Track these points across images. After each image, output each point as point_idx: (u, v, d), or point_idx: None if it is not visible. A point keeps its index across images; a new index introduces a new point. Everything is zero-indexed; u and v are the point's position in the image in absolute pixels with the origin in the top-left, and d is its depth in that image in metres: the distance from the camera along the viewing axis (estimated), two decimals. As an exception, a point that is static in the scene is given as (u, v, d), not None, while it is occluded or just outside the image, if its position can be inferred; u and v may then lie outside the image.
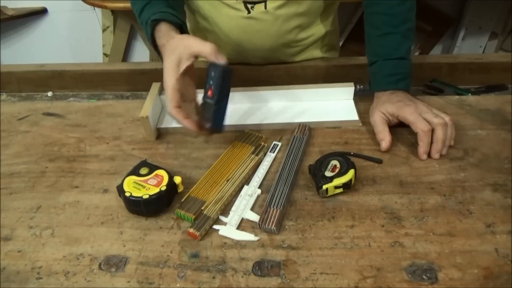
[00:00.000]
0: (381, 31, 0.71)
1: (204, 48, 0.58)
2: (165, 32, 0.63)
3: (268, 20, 0.77)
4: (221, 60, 0.58)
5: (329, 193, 0.56)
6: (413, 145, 0.65)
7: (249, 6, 0.76)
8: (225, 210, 0.56)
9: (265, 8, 0.76)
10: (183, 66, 0.59)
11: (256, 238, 0.52)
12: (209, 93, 0.58)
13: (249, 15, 0.77)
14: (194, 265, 0.49)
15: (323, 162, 0.59)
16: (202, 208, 0.55)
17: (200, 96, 0.62)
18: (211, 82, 0.58)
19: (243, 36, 0.81)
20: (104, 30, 2.03)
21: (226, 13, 0.78)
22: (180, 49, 0.59)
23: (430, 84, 0.85)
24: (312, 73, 0.88)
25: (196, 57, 0.59)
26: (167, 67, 0.59)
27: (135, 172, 0.58)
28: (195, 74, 0.63)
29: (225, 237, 0.52)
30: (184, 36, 0.62)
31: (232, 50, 0.85)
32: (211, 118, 0.59)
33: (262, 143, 0.66)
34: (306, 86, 0.75)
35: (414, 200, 0.56)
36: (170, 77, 0.58)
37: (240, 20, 0.78)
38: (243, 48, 0.83)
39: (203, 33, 0.87)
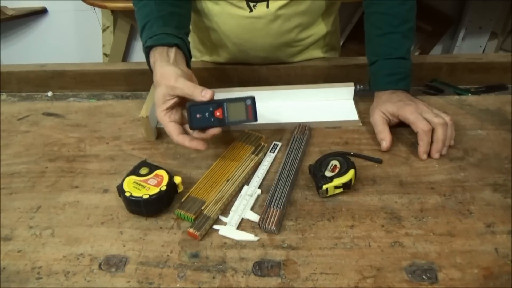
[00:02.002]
0: (381, 30, 0.71)
1: (191, 93, 0.57)
2: (153, 63, 0.62)
3: (269, 19, 0.77)
4: (207, 95, 0.57)
5: (329, 193, 0.56)
6: (413, 145, 0.65)
7: (251, 4, 0.76)
8: (225, 210, 0.56)
9: (267, 7, 0.76)
10: (169, 103, 0.58)
11: (256, 238, 0.52)
12: (218, 114, 0.57)
13: (250, 13, 0.77)
14: (194, 265, 0.49)
15: (323, 162, 0.59)
16: (202, 208, 0.55)
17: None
18: (207, 114, 0.57)
19: (244, 35, 0.81)
20: (104, 30, 2.03)
21: (228, 11, 0.78)
22: (162, 87, 0.58)
23: (430, 84, 0.85)
24: (312, 73, 0.88)
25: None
26: (156, 102, 0.59)
27: (135, 172, 0.58)
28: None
29: (225, 237, 0.52)
30: (167, 71, 0.59)
31: (233, 49, 0.85)
32: (248, 108, 0.58)
33: (262, 143, 0.66)
34: (306, 86, 0.75)
35: (414, 200, 0.56)
36: (160, 112, 0.59)
37: (242, 19, 0.78)
38: (243, 47, 0.83)
39: (204, 32, 0.87)
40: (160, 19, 0.67)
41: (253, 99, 0.58)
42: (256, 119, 0.58)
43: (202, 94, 0.56)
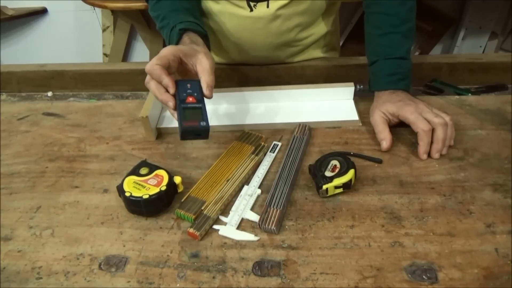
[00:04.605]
0: (381, 30, 0.71)
1: (202, 73, 0.58)
2: (187, 41, 0.64)
3: (269, 19, 0.78)
4: (210, 94, 0.58)
5: (329, 193, 0.56)
6: (413, 145, 0.65)
7: (251, 4, 0.76)
8: (225, 210, 0.56)
9: (267, 7, 0.76)
10: (184, 52, 0.58)
11: (256, 238, 0.52)
12: (191, 99, 0.57)
13: (251, 13, 0.77)
14: (194, 265, 0.49)
15: (323, 162, 0.59)
16: (202, 208, 0.55)
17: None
18: (190, 92, 0.57)
19: (244, 34, 0.81)
20: (104, 30, 2.03)
21: (228, 11, 0.78)
22: (186, 47, 0.60)
23: (430, 84, 0.85)
24: (312, 73, 0.88)
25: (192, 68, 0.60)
26: (168, 48, 0.59)
27: (135, 172, 0.58)
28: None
29: (225, 237, 0.52)
30: (203, 47, 0.62)
31: (233, 49, 0.85)
32: (204, 117, 0.56)
33: (262, 143, 0.66)
34: (306, 86, 0.75)
35: (414, 200, 0.56)
36: (171, 47, 0.58)
37: (242, 18, 0.78)
38: (244, 46, 0.83)
39: None
40: (186, 11, 0.69)
41: (206, 130, 0.55)
42: (181, 129, 0.55)
43: (207, 89, 0.57)
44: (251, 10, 0.77)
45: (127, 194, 0.54)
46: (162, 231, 0.54)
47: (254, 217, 0.54)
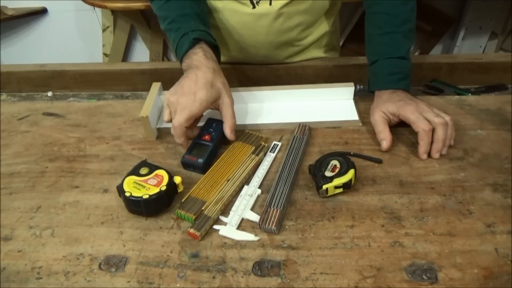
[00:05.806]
0: (382, 30, 0.71)
1: (226, 120, 0.63)
2: (201, 54, 0.65)
3: (272, 17, 0.78)
4: (232, 137, 0.64)
5: (329, 193, 0.56)
6: (413, 145, 0.65)
7: (254, 1, 0.76)
8: (225, 210, 0.56)
9: (270, 4, 0.76)
10: (211, 101, 0.63)
11: (256, 238, 0.52)
12: (206, 137, 0.65)
13: (253, 10, 0.77)
14: (194, 265, 0.49)
15: (323, 162, 0.59)
16: (203, 208, 0.55)
17: None
18: (211, 130, 0.66)
19: (246, 32, 0.81)
20: (104, 30, 2.03)
21: (231, 7, 0.78)
22: (223, 93, 0.64)
23: (430, 84, 0.85)
24: (312, 73, 0.88)
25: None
26: (199, 87, 0.61)
27: (135, 172, 0.58)
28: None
29: (225, 237, 0.52)
30: (221, 77, 0.66)
31: (234, 48, 0.86)
32: (206, 156, 0.62)
33: (262, 143, 0.66)
34: (306, 86, 0.75)
35: (414, 200, 0.56)
36: (201, 104, 0.61)
37: (244, 15, 0.78)
38: (245, 44, 0.83)
39: None
40: (196, 17, 0.70)
41: (200, 167, 0.62)
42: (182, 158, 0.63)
43: (231, 135, 0.63)
44: (254, 7, 0.77)
45: (127, 194, 0.54)
46: (162, 231, 0.54)
47: (254, 217, 0.54)
